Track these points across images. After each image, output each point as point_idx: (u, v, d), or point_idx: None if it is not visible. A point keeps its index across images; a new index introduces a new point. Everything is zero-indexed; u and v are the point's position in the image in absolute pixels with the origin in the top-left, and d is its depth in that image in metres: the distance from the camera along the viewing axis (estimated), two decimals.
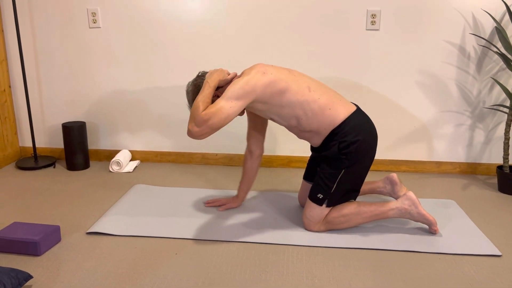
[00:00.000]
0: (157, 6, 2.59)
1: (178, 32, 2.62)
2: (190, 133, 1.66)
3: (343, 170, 1.79)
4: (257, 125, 2.01)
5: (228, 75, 1.82)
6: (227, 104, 1.66)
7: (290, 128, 1.86)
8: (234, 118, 1.71)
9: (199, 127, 1.64)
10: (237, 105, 1.67)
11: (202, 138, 1.67)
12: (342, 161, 1.78)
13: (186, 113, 2.76)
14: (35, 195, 2.29)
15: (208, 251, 1.73)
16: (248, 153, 2.05)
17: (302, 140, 2.72)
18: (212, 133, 1.67)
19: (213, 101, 1.78)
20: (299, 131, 1.86)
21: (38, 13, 2.68)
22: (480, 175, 2.66)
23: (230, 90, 1.68)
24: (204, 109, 1.65)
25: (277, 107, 1.77)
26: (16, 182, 2.48)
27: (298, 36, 2.55)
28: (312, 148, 1.99)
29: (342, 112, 1.79)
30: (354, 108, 1.84)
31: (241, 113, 1.86)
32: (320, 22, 2.52)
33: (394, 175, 2.05)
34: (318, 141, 1.86)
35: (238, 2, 2.54)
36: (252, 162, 2.05)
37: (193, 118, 1.65)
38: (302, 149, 2.75)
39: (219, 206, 2.13)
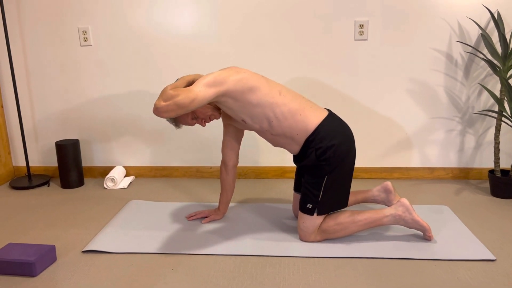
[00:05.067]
0: (148, 22, 2.62)
1: (169, 47, 2.65)
2: (156, 109, 1.65)
3: (325, 177, 1.81)
4: (232, 136, 2.02)
5: None
6: (197, 88, 1.68)
7: (263, 132, 1.87)
8: (202, 103, 1.69)
9: (166, 102, 1.64)
10: (207, 92, 1.68)
11: (166, 117, 1.66)
12: (322, 168, 1.80)
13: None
14: (30, 214, 2.28)
15: (204, 265, 1.74)
16: (223, 165, 2.06)
17: None
18: (177, 113, 1.65)
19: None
20: (272, 136, 1.87)
21: (29, 33, 2.70)
22: (473, 179, 2.69)
23: (202, 79, 1.71)
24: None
25: (248, 105, 1.78)
26: (10, 202, 2.47)
27: (287, 49, 2.58)
28: (294, 159, 2.01)
29: (313, 119, 1.82)
30: (326, 113, 1.87)
31: (218, 114, 1.89)
32: (308, 34, 2.55)
33: (389, 183, 2.07)
34: (294, 149, 1.88)
35: (228, 15, 2.57)
36: (226, 174, 2.06)
37: (161, 95, 1.66)
38: None
39: (202, 218, 2.14)
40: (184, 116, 1.88)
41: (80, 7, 2.63)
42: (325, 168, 1.80)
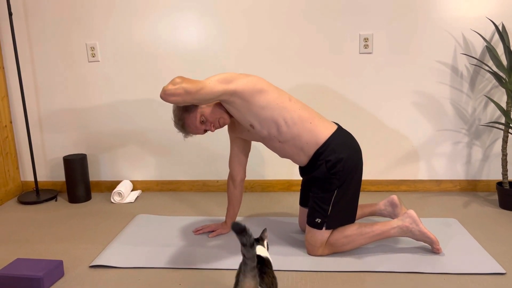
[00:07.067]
0: (154, 38, 2.65)
1: (175, 62, 2.67)
2: (163, 92, 1.66)
3: (335, 191, 1.80)
4: (240, 150, 2.03)
5: None
6: (207, 80, 1.72)
7: (271, 139, 1.87)
8: (209, 96, 1.70)
9: (174, 86, 1.66)
10: (216, 86, 1.71)
11: (173, 100, 1.67)
12: (332, 182, 1.80)
13: (185, 141, 2.79)
14: (37, 229, 2.29)
15: (211, 280, 1.73)
16: (230, 179, 2.07)
17: None
18: (184, 99, 1.67)
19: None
20: (280, 144, 1.86)
21: (38, 49, 2.74)
22: (481, 192, 2.67)
23: (213, 76, 1.75)
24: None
25: (256, 107, 1.78)
26: (18, 217, 2.48)
27: (292, 63, 2.60)
28: (301, 171, 2.01)
29: (323, 131, 1.82)
30: (335, 127, 1.87)
31: (228, 117, 1.88)
32: (313, 47, 2.57)
33: (395, 197, 2.06)
34: (302, 160, 1.87)
35: (234, 30, 2.60)
36: (234, 188, 2.06)
37: (170, 82, 1.69)
38: None
39: (209, 232, 2.14)
40: (192, 119, 1.85)
41: (88, 24, 2.67)
42: (334, 182, 1.80)
